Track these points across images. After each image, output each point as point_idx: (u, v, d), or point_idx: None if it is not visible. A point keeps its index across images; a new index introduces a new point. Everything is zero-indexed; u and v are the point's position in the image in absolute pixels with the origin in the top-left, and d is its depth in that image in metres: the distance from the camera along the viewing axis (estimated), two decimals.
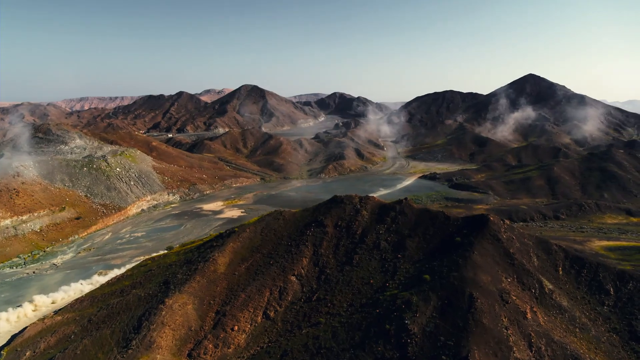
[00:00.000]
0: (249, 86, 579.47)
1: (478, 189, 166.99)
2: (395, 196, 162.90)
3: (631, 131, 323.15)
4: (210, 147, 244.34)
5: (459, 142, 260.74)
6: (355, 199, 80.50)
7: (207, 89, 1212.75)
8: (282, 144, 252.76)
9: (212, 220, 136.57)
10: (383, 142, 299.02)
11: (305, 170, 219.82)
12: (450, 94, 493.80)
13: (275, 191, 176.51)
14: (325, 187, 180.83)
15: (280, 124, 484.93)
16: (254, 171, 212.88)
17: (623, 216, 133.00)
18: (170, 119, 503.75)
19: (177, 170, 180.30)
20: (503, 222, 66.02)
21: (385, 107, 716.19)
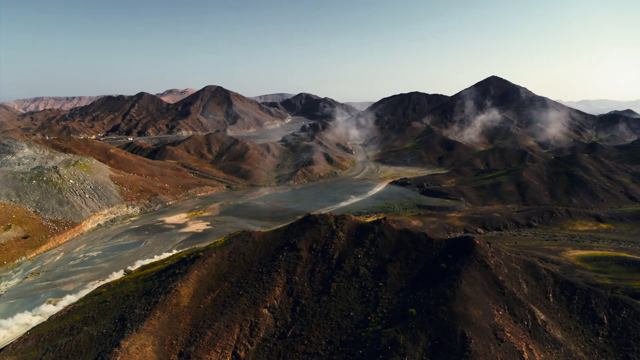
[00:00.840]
0: (213, 87, 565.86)
1: (450, 196, 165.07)
2: (367, 204, 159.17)
3: (590, 133, 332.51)
4: (173, 152, 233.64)
5: (428, 146, 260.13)
6: (331, 219, 75.06)
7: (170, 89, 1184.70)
8: (249, 149, 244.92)
9: (175, 235, 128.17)
10: (352, 146, 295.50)
11: (273, 177, 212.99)
12: (416, 95, 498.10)
13: (242, 200, 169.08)
14: (295, 195, 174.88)
15: (246, 126, 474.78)
16: (219, 178, 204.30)
17: (593, 222, 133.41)
18: (131, 122, 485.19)
19: (137, 180, 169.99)
20: (489, 245, 62.13)
21: (351, 108, 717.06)
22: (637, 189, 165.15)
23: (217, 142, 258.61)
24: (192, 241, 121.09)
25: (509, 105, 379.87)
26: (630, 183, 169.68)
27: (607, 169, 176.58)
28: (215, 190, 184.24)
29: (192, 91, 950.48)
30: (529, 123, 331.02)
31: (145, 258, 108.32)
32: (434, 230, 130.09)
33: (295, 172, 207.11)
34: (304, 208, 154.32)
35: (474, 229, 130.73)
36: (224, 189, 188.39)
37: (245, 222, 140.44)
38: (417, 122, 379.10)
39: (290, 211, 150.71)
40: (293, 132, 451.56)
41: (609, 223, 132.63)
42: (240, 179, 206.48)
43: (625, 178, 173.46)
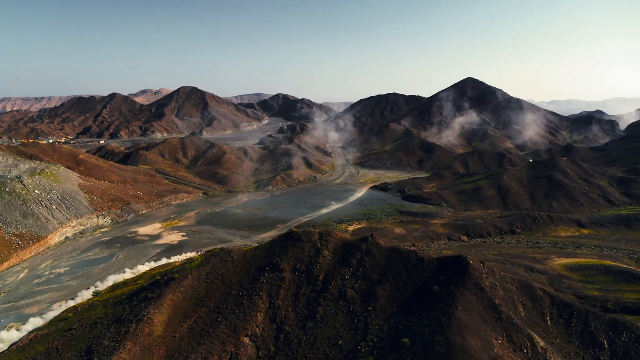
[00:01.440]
0: (188, 88, 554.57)
1: (431, 201, 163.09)
2: (349, 211, 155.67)
3: (564, 134, 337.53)
4: (146, 157, 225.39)
5: (407, 149, 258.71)
6: (315, 236, 70.93)
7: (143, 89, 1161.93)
8: (226, 153, 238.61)
9: (149, 247, 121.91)
10: (331, 149, 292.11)
11: (251, 182, 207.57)
12: (393, 96, 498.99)
13: (219, 208, 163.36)
14: (274, 202, 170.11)
15: (222, 128, 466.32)
16: (195, 184, 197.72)
17: (575, 228, 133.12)
18: (103, 123, 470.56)
19: (108, 188, 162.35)
20: (483, 264, 59.06)
21: (329, 108, 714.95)
22: (614, 192, 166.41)
23: (193, 146, 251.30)
24: (167, 254, 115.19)
25: (485, 107, 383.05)
26: (608, 186, 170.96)
27: (585, 173, 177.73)
28: (191, 197, 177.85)
29: (167, 91, 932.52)
30: (506, 125, 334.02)
31: (117, 273, 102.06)
32: (418, 238, 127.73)
33: (274, 177, 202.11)
34: (284, 216, 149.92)
35: (457, 236, 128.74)
36: (200, 196, 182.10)
37: (222, 232, 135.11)
38: (395, 124, 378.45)
39: (270, 219, 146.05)
40: (270, 134, 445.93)
41: (590, 228, 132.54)
42: (217, 184, 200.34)
43: (603, 181, 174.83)
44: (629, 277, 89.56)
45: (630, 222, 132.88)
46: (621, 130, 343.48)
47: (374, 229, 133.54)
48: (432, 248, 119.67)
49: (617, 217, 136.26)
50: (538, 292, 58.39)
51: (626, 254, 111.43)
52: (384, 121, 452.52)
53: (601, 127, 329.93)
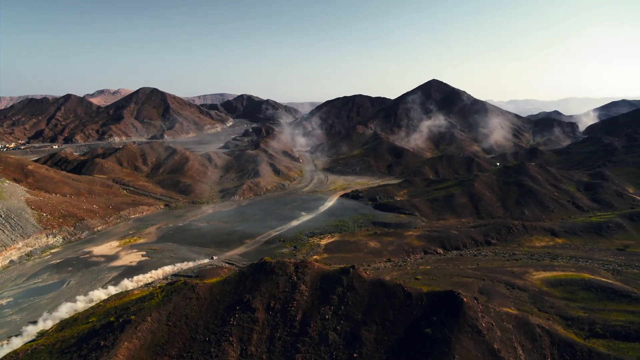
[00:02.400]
0: (148, 89, 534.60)
1: (404, 210, 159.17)
2: (320, 222, 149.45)
3: (528, 136, 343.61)
4: (102, 166, 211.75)
5: (376, 153, 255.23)
6: (290, 267, 64.23)
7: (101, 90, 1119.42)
8: (189, 160, 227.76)
9: (105, 270, 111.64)
10: (299, 154, 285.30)
11: (216, 192, 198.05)
12: (359, 98, 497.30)
13: (183, 222, 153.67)
14: (241, 214, 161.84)
15: (184, 131, 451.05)
16: (156, 195, 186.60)
17: (549, 237, 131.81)
18: (56, 127, 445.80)
19: (60, 202, 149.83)
20: (477, 301, 54.08)
21: (295, 110, 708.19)
22: (582, 198, 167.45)
23: (153, 152, 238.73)
24: (125, 276, 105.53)
25: (451, 109, 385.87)
26: (576, 192, 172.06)
27: (554, 178, 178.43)
28: (152, 210, 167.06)
29: (126, 91, 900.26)
30: (472, 127, 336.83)
31: (69, 302, 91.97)
32: (393, 253, 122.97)
33: (241, 186, 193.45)
34: (252, 229, 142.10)
35: (433, 249, 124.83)
36: (161, 208, 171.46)
37: (186, 249, 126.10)
38: (362, 126, 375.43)
39: (237, 234, 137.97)
40: (235, 137, 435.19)
41: (563, 237, 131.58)
42: (180, 194, 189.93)
43: (571, 187, 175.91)
44: (611, 294, 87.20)
45: (602, 230, 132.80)
46: (581, 132, 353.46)
47: (348, 243, 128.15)
48: (408, 263, 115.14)
49: (589, 225, 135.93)
50: (537, 330, 53.87)
51: (601, 265, 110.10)
52: (350, 123, 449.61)
53: (562, 129, 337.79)
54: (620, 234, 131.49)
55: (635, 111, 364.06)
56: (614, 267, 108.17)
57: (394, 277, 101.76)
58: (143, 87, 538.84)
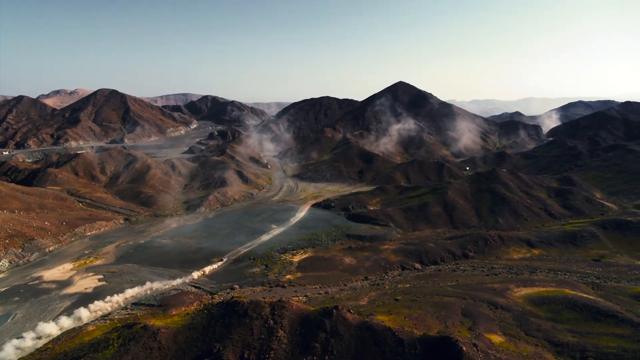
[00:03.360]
0: (107, 90, 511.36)
1: (378, 221, 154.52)
2: (292, 236, 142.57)
3: (494, 139, 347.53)
4: (56, 176, 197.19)
5: (346, 158, 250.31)
6: (266, 309, 57.31)
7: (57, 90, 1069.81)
8: (151, 168, 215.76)
9: (56, 299, 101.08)
10: (267, 159, 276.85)
11: (180, 202, 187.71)
12: (327, 100, 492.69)
13: (144, 238, 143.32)
14: (208, 228, 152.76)
15: (146, 135, 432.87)
16: (115, 208, 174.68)
17: (526, 249, 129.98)
18: (7, 131, 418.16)
19: (7, 220, 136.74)
20: (476, 348, 48.96)
21: (261, 111, 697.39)
22: (554, 204, 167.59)
23: (112, 160, 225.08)
24: (79, 305, 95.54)
25: (418, 112, 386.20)
26: (547, 198, 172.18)
27: (525, 185, 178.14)
28: (110, 226, 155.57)
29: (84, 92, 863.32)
30: (440, 130, 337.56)
31: (14, 340, 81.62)
32: (370, 269, 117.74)
33: (207, 197, 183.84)
34: (220, 246, 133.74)
35: (411, 264, 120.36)
36: (121, 223, 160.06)
37: (148, 271, 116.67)
38: (330, 129, 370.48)
39: (204, 252, 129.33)
40: (200, 140, 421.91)
41: (540, 248, 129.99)
42: (142, 206, 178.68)
43: (542, 193, 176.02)
44: (597, 314, 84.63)
45: (577, 240, 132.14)
46: (544, 134, 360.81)
47: (322, 260, 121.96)
48: (386, 281, 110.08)
49: (564, 235, 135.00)
50: None
51: (580, 278, 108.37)
52: (318, 125, 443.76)
53: (527, 132, 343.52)
54: (595, 243, 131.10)
55: (595, 114, 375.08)
56: (592, 280, 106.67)
57: (372, 299, 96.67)
58: (102, 89, 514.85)
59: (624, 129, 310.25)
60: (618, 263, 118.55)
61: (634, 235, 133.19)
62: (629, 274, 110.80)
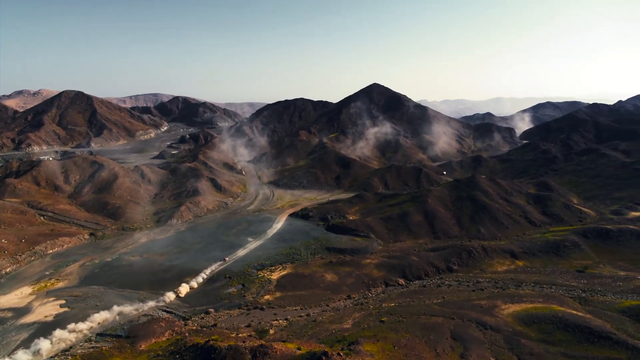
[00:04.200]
0: (72, 92, 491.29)
1: (358, 232, 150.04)
2: (270, 250, 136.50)
3: (469, 141, 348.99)
4: (15, 187, 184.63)
5: (323, 164, 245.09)
6: (246, 356, 51.37)
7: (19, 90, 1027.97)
8: (119, 177, 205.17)
9: (12, 330, 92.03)
10: (241, 165, 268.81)
11: (150, 214, 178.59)
12: (301, 101, 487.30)
13: (111, 256, 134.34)
14: (180, 242, 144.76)
15: (114, 138, 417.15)
16: (80, 221, 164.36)
17: (509, 260, 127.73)
18: None
19: None
20: None
21: (234, 113, 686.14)
22: (533, 211, 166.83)
23: (77, 168, 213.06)
24: (38, 335, 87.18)
25: (393, 115, 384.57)
26: (527, 205, 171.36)
27: (505, 191, 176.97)
28: (74, 242, 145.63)
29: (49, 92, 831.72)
30: (415, 133, 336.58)
31: None
32: (353, 287, 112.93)
33: (178, 208, 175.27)
34: (193, 263, 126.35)
35: (395, 280, 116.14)
36: (86, 238, 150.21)
37: (115, 294, 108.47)
38: (305, 132, 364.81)
39: (176, 270, 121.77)
40: (171, 143, 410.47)
41: (523, 259, 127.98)
42: (109, 219, 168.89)
43: (521, 199, 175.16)
44: (590, 335, 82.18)
45: (559, 250, 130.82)
46: (518, 137, 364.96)
47: (302, 277, 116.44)
48: (370, 300, 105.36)
49: (546, 245, 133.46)
50: None
51: (566, 291, 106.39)
52: (293, 128, 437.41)
53: (501, 134, 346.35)
54: (577, 253, 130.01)
55: (566, 117, 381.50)
56: (578, 294, 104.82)
57: (357, 321, 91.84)
58: (67, 90, 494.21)
59: (594, 131, 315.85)
60: (602, 274, 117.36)
61: (615, 244, 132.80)
62: (614, 286, 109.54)
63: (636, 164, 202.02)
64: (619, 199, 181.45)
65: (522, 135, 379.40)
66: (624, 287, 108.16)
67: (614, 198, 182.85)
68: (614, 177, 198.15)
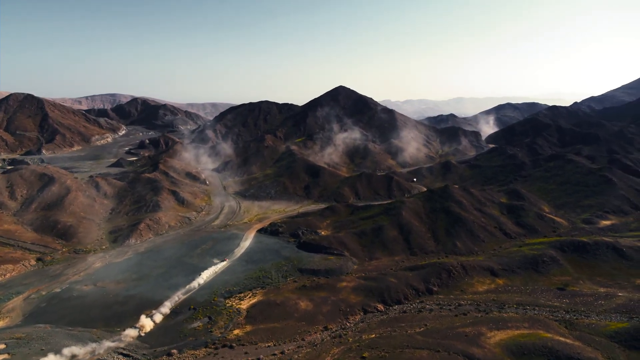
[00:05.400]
0: (21, 95, 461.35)
1: (332, 250, 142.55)
2: (237, 273, 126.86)
3: (436, 145, 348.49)
4: None
5: (291, 173, 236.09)
6: None
7: None
8: (71, 190, 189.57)
9: None
10: (205, 174, 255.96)
11: (106, 232, 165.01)
12: (266, 104, 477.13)
13: (61, 285, 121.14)
14: (139, 267, 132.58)
15: (68, 144, 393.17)
16: (26, 244, 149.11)
17: (489, 279, 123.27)
18: None
19: None
20: None
21: (196, 115, 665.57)
22: (507, 222, 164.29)
23: (24, 182, 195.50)
24: None
25: (360, 118, 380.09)
26: (500, 215, 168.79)
27: (478, 202, 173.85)
28: (19, 270, 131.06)
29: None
30: (383, 137, 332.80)
31: None
32: (329, 315, 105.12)
33: (137, 225, 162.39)
34: (153, 292, 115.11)
35: (373, 306, 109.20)
36: (32, 264, 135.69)
37: (64, 334, 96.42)
38: (270, 136, 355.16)
39: (134, 302, 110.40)
40: (130, 149, 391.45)
41: (503, 277, 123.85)
42: (59, 240, 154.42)
43: (494, 210, 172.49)
44: None
45: (538, 265, 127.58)
46: (483, 141, 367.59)
47: (274, 305, 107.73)
48: (349, 331, 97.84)
49: (525, 260, 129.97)
50: None
51: (550, 313, 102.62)
52: (258, 131, 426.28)
53: (468, 138, 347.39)
54: (556, 268, 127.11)
55: (529, 120, 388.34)
56: (563, 316, 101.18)
57: (336, 359, 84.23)
58: (15, 93, 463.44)
59: (557, 135, 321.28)
60: (582, 292, 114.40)
61: (592, 258, 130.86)
62: (596, 306, 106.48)
63: (602, 171, 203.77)
64: (588, 206, 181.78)
65: (488, 139, 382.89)
66: (607, 307, 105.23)
67: (584, 206, 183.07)
68: (582, 184, 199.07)
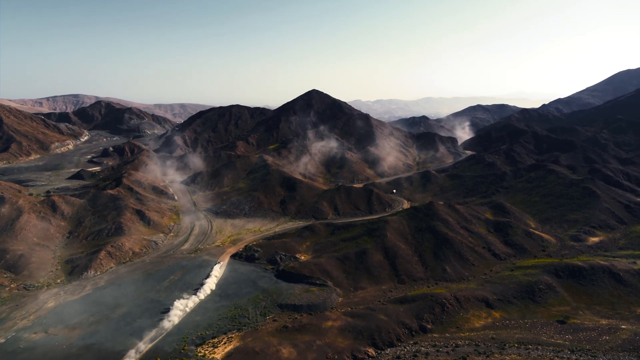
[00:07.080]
0: None
1: (314, 280, 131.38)
2: (210, 313, 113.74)
3: (413, 152, 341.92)
4: None
5: (266, 186, 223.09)
6: None
7: None
8: (23, 212, 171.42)
9: None
10: (173, 188, 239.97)
11: (62, 262, 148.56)
12: (237, 109, 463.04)
13: (6, 334, 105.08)
14: (98, 307, 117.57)
15: (24, 152, 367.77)
16: None
17: (485, 311, 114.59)
18: None
19: None
20: None
21: (163, 119, 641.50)
22: (495, 242, 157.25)
23: None
24: None
25: (335, 124, 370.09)
26: (487, 234, 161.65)
27: (464, 219, 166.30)
28: None
29: None
30: (360, 145, 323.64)
31: None
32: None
33: (97, 254, 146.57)
34: (113, 343, 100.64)
35: (364, 351, 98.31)
36: None
37: None
38: (242, 142, 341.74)
39: (90, 355, 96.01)
40: (92, 157, 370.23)
41: (500, 309, 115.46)
42: (7, 273, 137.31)
43: (481, 228, 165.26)
44: None
45: (535, 294, 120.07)
46: (460, 147, 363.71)
47: (253, 354, 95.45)
48: None
49: (520, 288, 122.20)
50: None
51: (555, 354, 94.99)
52: (229, 137, 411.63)
53: (445, 145, 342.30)
54: (554, 298, 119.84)
55: (504, 126, 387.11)
56: (568, 357, 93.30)
57: None
58: None
59: (534, 142, 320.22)
60: (584, 325, 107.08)
61: (590, 285, 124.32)
62: (601, 342, 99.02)
63: (584, 182, 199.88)
64: (574, 221, 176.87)
65: (464, 145, 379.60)
66: (612, 343, 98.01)
67: (570, 220, 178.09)
68: (566, 197, 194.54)
